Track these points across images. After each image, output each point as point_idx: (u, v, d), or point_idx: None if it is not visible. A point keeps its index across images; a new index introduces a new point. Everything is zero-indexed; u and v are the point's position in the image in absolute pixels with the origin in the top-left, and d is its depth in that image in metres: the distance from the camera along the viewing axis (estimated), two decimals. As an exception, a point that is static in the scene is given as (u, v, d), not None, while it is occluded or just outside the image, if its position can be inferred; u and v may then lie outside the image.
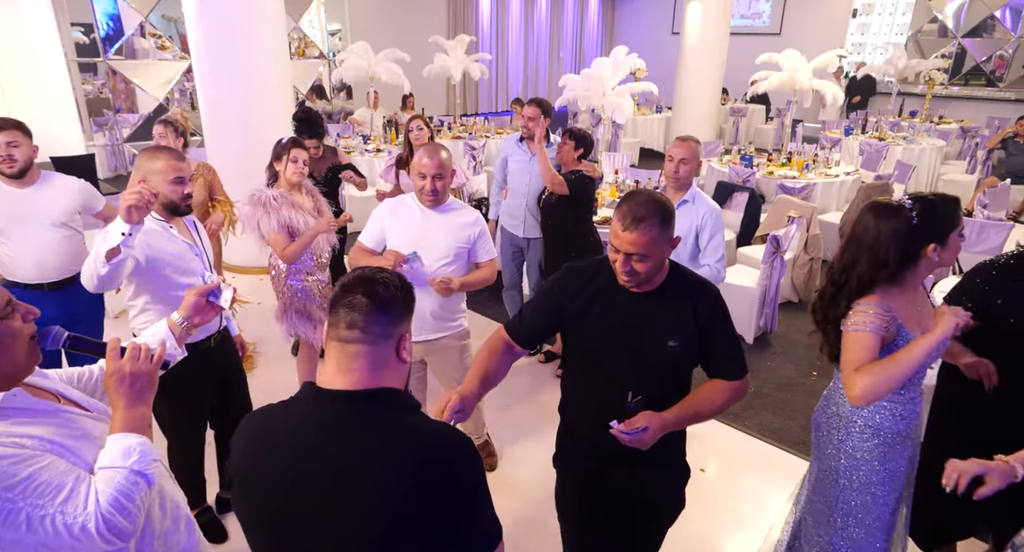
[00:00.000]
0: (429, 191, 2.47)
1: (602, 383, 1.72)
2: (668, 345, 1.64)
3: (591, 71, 5.41)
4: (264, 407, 1.21)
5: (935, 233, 1.73)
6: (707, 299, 1.68)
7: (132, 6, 9.11)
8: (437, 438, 1.13)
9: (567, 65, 16.69)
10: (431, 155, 2.44)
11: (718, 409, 1.74)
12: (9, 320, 1.16)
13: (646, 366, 1.67)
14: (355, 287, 1.13)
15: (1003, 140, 7.39)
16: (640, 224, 1.53)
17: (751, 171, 6.37)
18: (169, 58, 9.78)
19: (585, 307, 1.71)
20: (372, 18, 12.02)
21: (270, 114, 5.14)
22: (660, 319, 1.65)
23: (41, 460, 1.11)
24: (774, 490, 2.99)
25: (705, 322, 1.65)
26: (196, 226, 2.38)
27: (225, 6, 4.82)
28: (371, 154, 7.36)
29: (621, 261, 1.58)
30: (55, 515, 1.08)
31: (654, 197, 1.59)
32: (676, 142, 2.96)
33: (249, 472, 1.15)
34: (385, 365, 1.15)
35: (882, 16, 13.38)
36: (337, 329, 1.13)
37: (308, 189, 3.20)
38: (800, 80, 6.66)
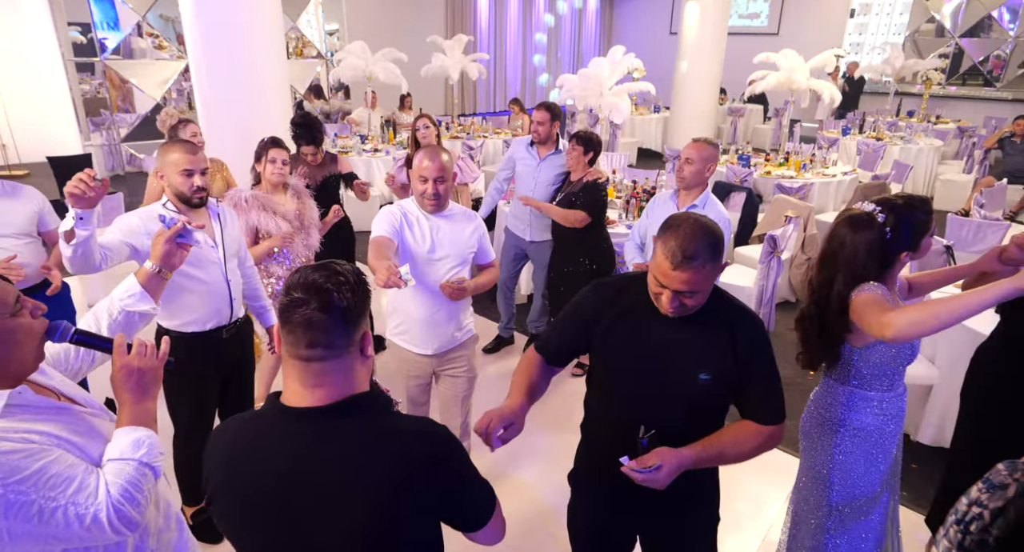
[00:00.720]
0: (431, 195, 2.32)
1: (622, 412, 1.58)
2: (699, 378, 1.48)
3: (588, 71, 5.40)
4: (234, 421, 1.17)
5: (909, 243, 1.76)
6: (748, 328, 1.52)
7: (129, 6, 9.10)
8: (415, 436, 1.11)
9: (565, 65, 16.69)
10: (432, 157, 2.31)
11: (746, 454, 1.54)
12: (20, 317, 1.17)
13: (672, 399, 1.51)
14: (307, 300, 1.03)
15: (1000, 140, 7.41)
16: (692, 262, 1.38)
17: (749, 171, 6.38)
18: (166, 58, 9.77)
19: (611, 327, 1.57)
20: (370, 18, 12.01)
21: (267, 114, 5.13)
22: (693, 348, 1.50)
23: (50, 454, 1.12)
24: (771, 490, 2.99)
25: (744, 355, 1.49)
26: (221, 219, 2.40)
27: (222, 6, 4.82)
28: (369, 154, 7.36)
29: (669, 297, 1.44)
30: (67, 506, 1.09)
31: (702, 227, 1.42)
32: (690, 142, 2.89)
33: (229, 493, 1.11)
34: (352, 371, 1.10)
35: (880, 16, 13.41)
36: (296, 348, 1.05)
37: (296, 191, 3.17)
38: (797, 80, 6.66)
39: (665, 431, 1.50)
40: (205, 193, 2.28)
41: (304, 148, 3.81)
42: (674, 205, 2.94)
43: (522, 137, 4.00)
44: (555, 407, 3.70)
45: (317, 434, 1.06)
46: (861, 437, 1.89)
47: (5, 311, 1.15)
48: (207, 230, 2.33)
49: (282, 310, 1.05)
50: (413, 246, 2.37)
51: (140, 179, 8.56)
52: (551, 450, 3.30)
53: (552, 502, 2.93)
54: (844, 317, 1.78)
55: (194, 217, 2.28)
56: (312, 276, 1.05)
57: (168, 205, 2.27)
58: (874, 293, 1.71)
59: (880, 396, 1.89)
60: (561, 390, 3.87)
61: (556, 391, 3.87)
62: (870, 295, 1.70)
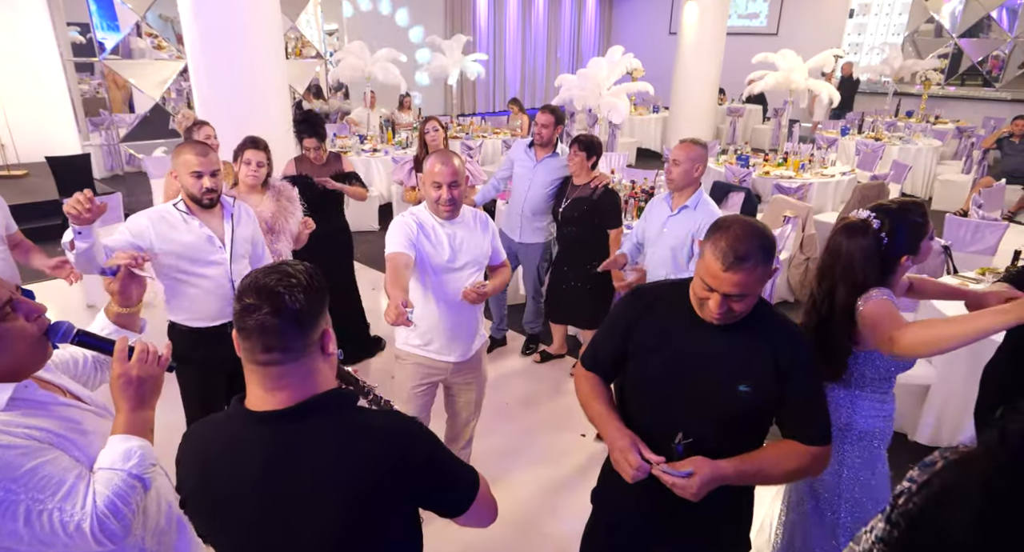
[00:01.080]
0: (447, 201, 2.22)
1: (657, 424, 1.50)
2: (738, 390, 1.42)
3: (587, 71, 5.40)
4: (201, 424, 1.17)
5: (908, 246, 1.75)
6: (790, 340, 1.46)
7: (129, 6, 9.10)
8: (384, 432, 1.10)
9: (564, 65, 16.69)
10: (445, 161, 2.21)
11: (788, 475, 1.49)
12: (8, 321, 1.16)
13: (709, 411, 1.45)
14: (259, 305, 1.01)
15: (998, 140, 7.42)
16: (744, 263, 1.33)
17: (747, 171, 6.38)
18: (165, 58, 9.76)
19: (649, 334, 1.52)
20: (368, 17, 12.01)
21: (266, 114, 5.13)
22: (733, 358, 1.44)
23: (47, 453, 1.13)
24: (765, 488, 2.99)
25: (787, 367, 1.43)
26: (233, 218, 2.43)
27: (221, 6, 4.82)
28: (368, 154, 7.36)
29: (717, 302, 1.37)
30: (52, 511, 1.09)
31: (754, 228, 1.38)
32: (679, 144, 2.88)
33: (200, 498, 1.11)
34: (314, 372, 1.08)
35: (879, 16, 13.41)
36: (253, 353, 1.03)
37: (278, 192, 3.14)
38: (795, 80, 6.67)
39: (699, 444, 1.43)
40: (215, 194, 2.32)
41: (307, 141, 3.79)
42: (668, 206, 2.94)
43: (523, 139, 4.00)
44: (553, 406, 3.70)
45: (282, 438, 1.04)
46: (868, 440, 1.88)
47: None
48: (215, 230, 2.37)
49: (235, 316, 1.03)
50: (433, 257, 2.28)
51: (139, 179, 8.57)
52: (548, 450, 3.30)
53: (548, 502, 2.94)
54: (850, 328, 1.76)
55: (205, 218, 2.35)
56: (263, 280, 1.03)
57: (180, 205, 2.33)
58: (883, 300, 1.69)
59: (881, 398, 1.89)
60: (559, 388, 3.88)
61: (554, 390, 3.87)
62: (881, 303, 1.69)
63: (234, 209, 2.45)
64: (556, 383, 3.96)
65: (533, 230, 3.91)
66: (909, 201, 1.81)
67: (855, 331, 1.78)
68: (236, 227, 2.43)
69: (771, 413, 1.50)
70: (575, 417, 3.55)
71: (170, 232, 2.28)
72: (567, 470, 3.16)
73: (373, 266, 5.87)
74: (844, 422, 1.89)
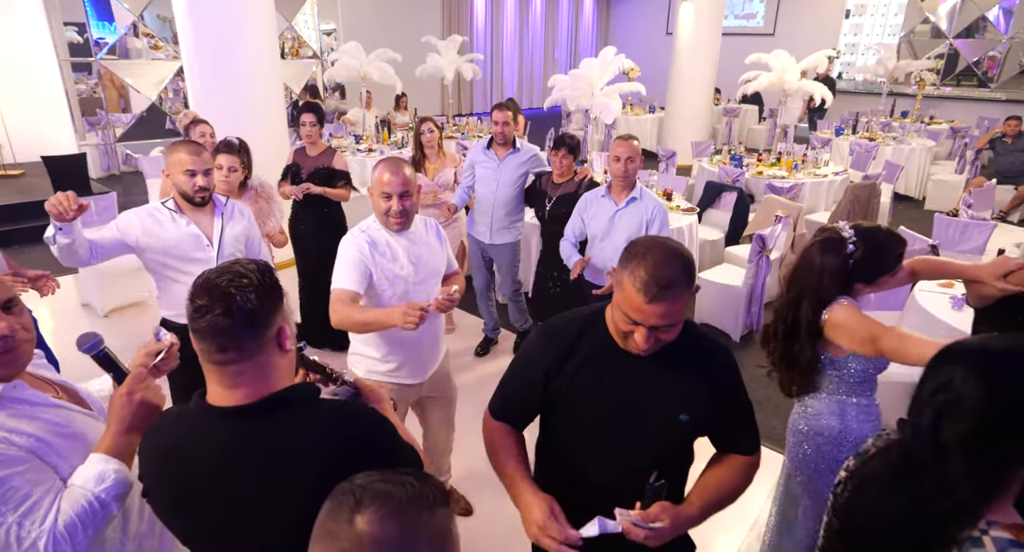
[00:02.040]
0: (397, 213, 2.06)
1: (596, 465, 1.43)
2: (679, 418, 1.37)
3: (579, 71, 5.44)
4: (166, 418, 1.18)
5: (866, 277, 1.80)
6: (723, 363, 1.43)
7: (125, 6, 9.12)
8: (339, 423, 1.12)
9: (562, 65, 16.72)
10: (395, 170, 2.06)
11: (740, 493, 1.50)
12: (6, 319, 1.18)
13: (653, 444, 1.39)
14: (211, 306, 1.02)
15: (991, 140, 7.45)
16: (668, 292, 1.22)
17: (740, 171, 6.41)
18: (162, 58, 9.78)
19: (575, 374, 1.40)
20: (366, 18, 12.03)
21: (262, 114, 5.16)
22: (669, 387, 1.38)
23: (20, 464, 1.12)
24: (755, 485, 3.01)
25: (723, 391, 1.41)
26: (224, 216, 2.44)
27: (215, 5, 4.84)
28: (363, 154, 7.38)
29: (643, 335, 1.28)
30: (11, 525, 1.09)
31: (672, 251, 1.27)
32: (620, 142, 3.02)
33: (161, 490, 1.12)
34: (271, 369, 1.10)
35: (875, 17, 13.45)
36: (209, 353, 1.05)
37: (256, 194, 3.15)
38: (788, 80, 6.70)
39: (637, 474, 1.34)
40: (208, 193, 2.34)
41: (304, 115, 3.88)
42: (611, 202, 3.07)
43: (478, 141, 3.92)
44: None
45: (241, 433, 1.07)
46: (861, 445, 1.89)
47: None
48: (204, 228, 2.39)
49: (189, 317, 1.05)
50: (391, 276, 2.11)
51: (135, 179, 8.58)
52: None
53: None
54: (815, 340, 1.81)
55: (195, 216, 2.37)
56: (215, 280, 1.05)
57: (169, 203, 2.35)
58: (848, 306, 1.75)
59: (868, 401, 1.90)
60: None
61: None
62: (846, 308, 1.75)
63: (225, 207, 2.47)
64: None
65: (504, 230, 3.88)
66: (893, 236, 1.81)
67: (823, 342, 1.82)
68: (226, 225, 2.44)
69: (703, 433, 1.47)
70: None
71: (156, 229, 2.31)
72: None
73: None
74: (838, 431, 1.89)
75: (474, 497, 2.88)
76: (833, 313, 1.77)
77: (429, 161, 4.08)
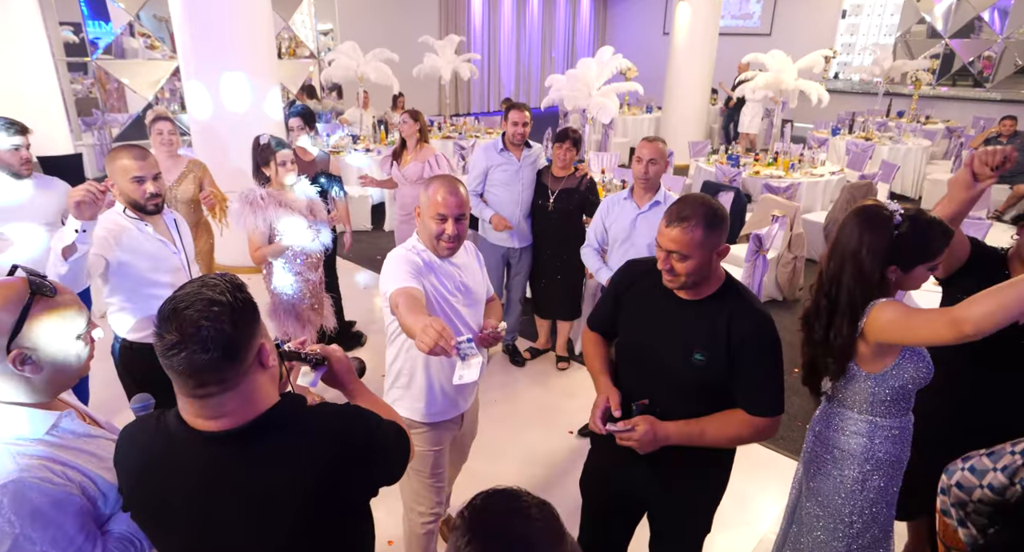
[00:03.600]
0: (451, 237, 1.85)
1: (635, 386, 1.69)
2: (693, 357, 1.57)
3: (576, 72, 5.44)
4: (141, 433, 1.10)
5: (907, 258, 1.64)
6: (747, 318, 1.57)
7: (122, 6, 9.10)
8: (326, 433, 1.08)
9: (559, 65, 16.73)
10: (453, 191, 1.83)
11: (729, 439, 1.62)
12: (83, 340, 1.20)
13: (670, 378, 1.61)
14: (183, 343, 0.94)
15: (986, 140, 7.47)
16: (683, 222, 1.52)
17: (737, 171, 6.43)
18: (159, 58, 9.76)
19: (631, 301, 1.74)
20: (363, 18, 12.02)
21: (258, 115, 5.15)
22: (692, 329, 1.59)
23: (72, 506, 1.11)
24: (757, 488, 3.02)
25: (738, 342, 1.54)
26: (177, 224, 2.38)
27: (212, 5, 4.83)
28: (361, 153, 7.38)
29: (663, 259, 1.57)
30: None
31: (705, 200, 1.55)
32: (643, 143, 2.94)
33: (141, 509, 1.09)
34: (256, 391, 1.03)
35: (871, 17, 13.49)
36: (187, 389, 0.98)
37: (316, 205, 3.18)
38: (785, 80, 6.71)
39: (664, 411, 1.61)
40: (160, 199, 2.20)
41: (291, 121, 3.98)
42: (633, 205, 2.99)
43: (485, 145, 3.84)
44: (539, 403, 3.73)
45: (224, 460, 1.02)
46: (883, 469, 1.79)
47: (74, 331, 1.18)
48: (166, 236, 2.29)
49: (160, 354, 0.96)
50: (443, 299, 1.91)
51: (132, 179, 8.56)
52: (535, 447, 3.33)
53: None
54: (854, 319, 1.69)
55: (151, 222, 2.23)
56: (183, 311, 0.95)
57: (127, 212, 2.20)
58: (889, 301, 1.62)
59: (900, 423, 1.78)
60: (546, 384, 3.90)
61: (541, 387, 3.89)
62: (889, 303, 1.62)
63: (173, 215, 2.37)
64: (543, 379, 3.98)
65: (526, 232, 3.86)
66: (942, 223, 1.66)
67: (857, 356, 1.71)
68: (180, 233, 2.35)
69: (726, 387, 1.61)
70: (561, 414, 3.59)
71: (129, 240, 2.16)
72: (555, 467, 3.19)
73: (364, 265, 5.90)
74: (863, 452, 1.79)
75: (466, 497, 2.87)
76: (875, 308, 1.63)
77: (407, 152, 4.10)
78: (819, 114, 10.48)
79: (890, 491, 1.83)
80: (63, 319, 1.15)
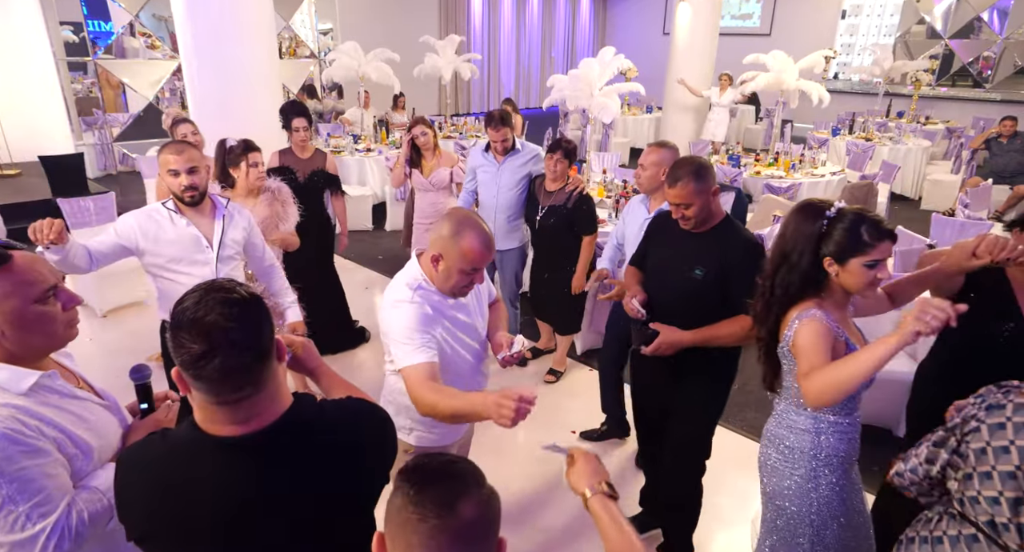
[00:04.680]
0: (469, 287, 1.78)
1: (651, 291, 2.28)
2: (693, 272, 2.13)
3: (578, 72, 5.44)
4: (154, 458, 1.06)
5: (834, 250, 1.64)
6: (738, 244, 2.11)
7: (122, 5, 9.10)
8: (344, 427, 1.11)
9: (559, 65, 16.73)
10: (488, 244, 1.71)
11: (734, 336, 2.08)
12: (46, 305, 1.24)
13: (677, 288, 2.18)
14: (213, 350, 0.92)
15: (986, 140, 7.48)
16: (678, 182, 2.07)
17: (738, 171, 6.44)
18: (159, 57, 9.76)
19: (656, 240, 2.37)
20: (363, 18, 12.02)
21: (259, 114, 5.15)
22: (694, 252, 2.15)
23: (43, 458, 1.17)
24: (754, 484, 3.03)
25: (730, 261, 2.07)
26: (225, 218, 2.42)
27: (214, 5, 4.83)
28: (361, 154, 7.38)
29: (674, 210, 2.16)
30: (20, 515, 1.14)
31: (690, 160, 2.13)
32: (653, 148, 2.86)
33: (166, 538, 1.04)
34: (278, 390, 1.04)
35: (870, 17, 13.50)
36: (220, 396, 0.97)
37: (275, 195, 3.12)
38: (786, 80, 6.72)
39: (672, 317, 2.15)
40: (196, 191, 2.32)
41: (296, 121, 3.82)
42: (645, 209, 2.98)
43: (477, 145, 3.83)
44: (541, 402, 3.73)
45: (256, 460, 1.01)
46: (832, 466, 1.77)
47: (31, 296, 1.21)
48: (204, 230, 2.37)
49: (189, 366, 0.93)
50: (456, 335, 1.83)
51: (132, 179, 8.56)
52: (538, 447, 3.33)
53: (540, 498, 2.97)
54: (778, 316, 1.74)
55: (195, 218, 2.36)
56: (204, 319, 0.93)
57: (169, 203, 2.36)
58: (814, 322, 1.63)
59: (849, 420, 1.77)
60: (546, 385, 3.91)
61: (543, 387, 3.89)
62: (811, 327, 1.63)
63: (227, 210, 2.45)
64: (542, 379, 3.98)
65: (509, 235, 3.80)
66: (878, 220, 1.65)
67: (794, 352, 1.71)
68: (227, 227, 2.42)
69: (720, 297, 2.10)
70: (564, 414, 3.59)
71: (155, 230, 2.31)
72: (558, 466, 3.19)
73: (366, 265, 5.90)
74: (810, 448, 1.78)
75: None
76: (800, 325, 1.66)
77: (426, 160, 4.06)
78: (819, 114, 10.48)
79: (846, 489, 1.80)
80: (12, 283, 1.19)
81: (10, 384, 1.19)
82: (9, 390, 1.18)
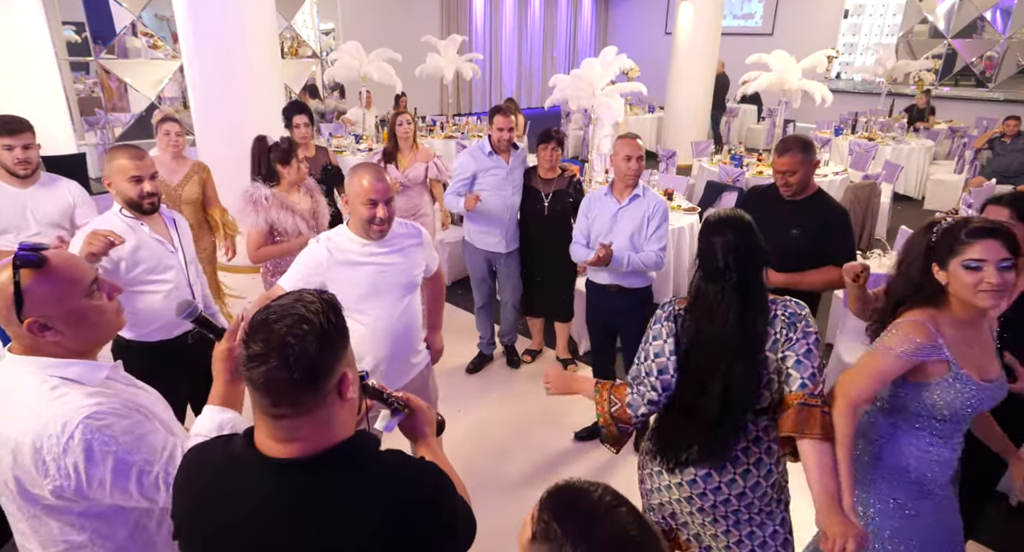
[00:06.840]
0: (383, 220, 2.02)
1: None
2: (791, 232, 2.57)
3: (580, 71, 5.43)
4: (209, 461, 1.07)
5: (938, 253, 1.65)
6: (829, 211, 2.61)
7: (124, 5, 9.10)
8: (401, 493, 1.01)
9: (561, 65, 16.72)
10: (378, 176, 2.01)
11: (824, 282, 2.56)
12: (94, 299, 1.28)
13: (779, 244, 2.17)
14: (266, 356, 0.92)
15: (990, 140, 7.46)
16: (788, 152, 2.55)
17: (741, 171, 6.42)
18: (161, 57, 9.77)
19: (750, 205, 2.61)
20: (365, 17, 12.02)
21: (262, 113, 5.15)
22: (793, 216, 2.60)
23: (149, 424, 1.27)
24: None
25: (822, 222, 2.56)
26: (176, 224, 2.37)
27: (216, 5, 4.84)
28: (364, 153, 7.38)
29: (779, 178, 2.62)
30: (158, 473, 1.23)
31: (797, 137, 2.60)
32: (629, 141, 2.99)
33: (198, 535, 1.04)
34: (329, 421, 0.99)
35: (873, 17, 13.46)
36: (263, 405, 0.95)
37: (308, 188, 3.17)
38: (789, 80, 6.71)
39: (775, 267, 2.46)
40: (156, 198, 2.23)
41: (297, 117, 3.85)
42: (613, 200, 3.07)
43: (471, 148, 3.77)
44: (542, 404, 3.73)
45: (288, 490, 0.98)
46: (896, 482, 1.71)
47: (80, 291, 1.25)
48: (164, 235, 2.29)
49: (243, 363, 0.94)
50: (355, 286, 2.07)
51: (135, 178, 8.55)
52: (541, 449, 3.33)
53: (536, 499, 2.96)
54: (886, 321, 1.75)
55: (149, 223, 2.25)
56: (273, 324, 0.93)
57: (123, 212, 2.22)
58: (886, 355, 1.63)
59: (931, 439, 1.68)
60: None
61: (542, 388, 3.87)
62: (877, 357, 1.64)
63: (172, 215, 2.39)
64: (541, 380, 3.95)
65: (515, 236, 3.81)
66: (980, 220, 1.65)
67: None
68: (179, 233, 2.36)
69: (811, 253, 2.54)
70: (566, 415, 3.58)
71: (129, 241, 2.17)
72: (560, 467, 3.19)
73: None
74: (874, 451, 1.74)
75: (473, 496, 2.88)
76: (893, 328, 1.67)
77: (402, 154, 4.06)
78: (821, 114, 10.45)
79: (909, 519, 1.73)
80: (58, 284, 1.22)
81: (86, 378, 1.25)
82: (87, 384, 1.24)
